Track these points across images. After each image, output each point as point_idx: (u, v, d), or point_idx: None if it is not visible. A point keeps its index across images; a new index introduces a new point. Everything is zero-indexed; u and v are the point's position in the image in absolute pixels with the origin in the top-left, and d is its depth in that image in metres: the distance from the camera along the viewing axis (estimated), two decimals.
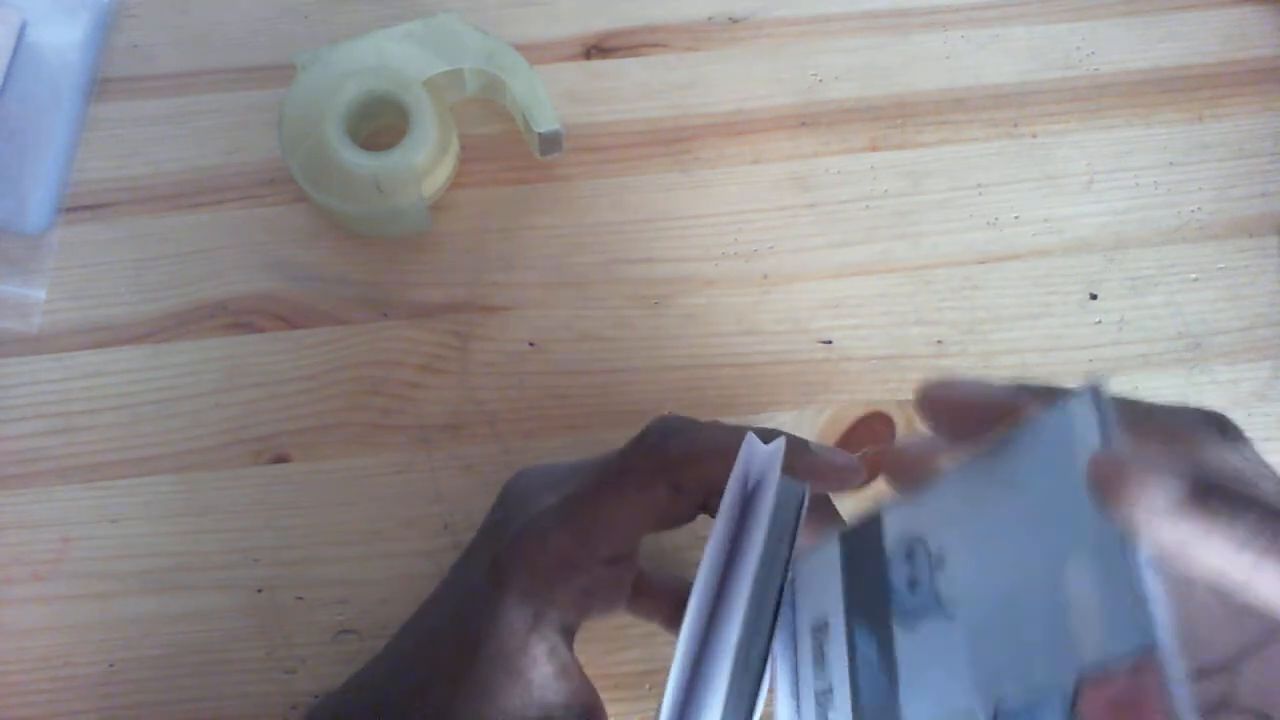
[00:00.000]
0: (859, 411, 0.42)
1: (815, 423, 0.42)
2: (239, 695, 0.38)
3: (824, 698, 0.27)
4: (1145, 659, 0.17)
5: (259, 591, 0.39)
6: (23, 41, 0.47)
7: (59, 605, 0.39)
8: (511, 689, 0.31)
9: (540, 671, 0.32)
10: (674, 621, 0.34)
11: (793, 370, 0.43)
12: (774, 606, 0.28)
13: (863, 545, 0.27)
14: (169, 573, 0.39)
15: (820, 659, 0.28)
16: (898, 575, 0.25)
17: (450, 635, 0.33)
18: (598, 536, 0.32)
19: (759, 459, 0.29)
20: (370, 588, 0.39)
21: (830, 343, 0.44)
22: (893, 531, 0.26)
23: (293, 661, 0.38)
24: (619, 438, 0.39)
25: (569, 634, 0.33)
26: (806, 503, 0.30)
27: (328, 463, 0.41)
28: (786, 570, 0.29)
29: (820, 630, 0.28)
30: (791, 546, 0.29)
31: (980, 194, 0.46)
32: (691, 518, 0.33)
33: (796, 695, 0.29)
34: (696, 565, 0.27)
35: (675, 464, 0.31)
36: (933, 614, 0.24)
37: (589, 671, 0.38)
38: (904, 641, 0.24)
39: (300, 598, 0.39)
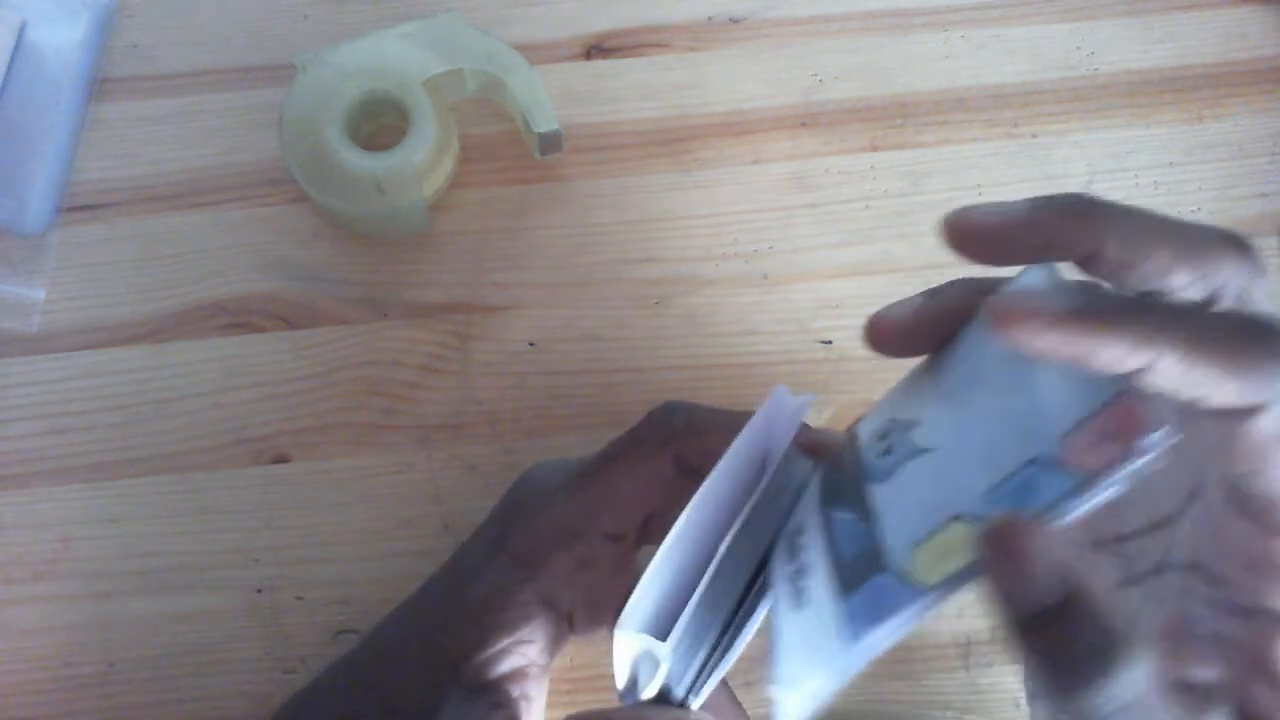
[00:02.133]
0: (859, 411, 0.42)
1: (815, 423, 0.42)
2: (239, 695, 0.38)
3: (797, 575, 0.28)
4: (1122, 395, 0.21)
5: (259, 591, 0.39)
6: (23, 41, 0.47)
7: (59, 605, 0.39)
8: (467, 648, 0.31)
9: (500, 639, 0.31)
10: None
11: (793, 370, 0.43)
12: (755, 566, 0.29)
13: (838, 459, 0.29)
14: (169, 573, 0.39)
15: (793, 550, 0.28)
16: (871, 453, 0.27)
17: (438, 600, 0.34)
18: (602, 506, 0.33)
19: (786, 407, 0.30)
20: (370, 588, 0.39)
21: (830, 343, 0.44)
22: (865, 434, 0.28)
23: (293, 661, 0.38)
24: None
25: (552, 613, 0.32)
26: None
27: (328, 463, 0.41)
28: (775, 538, 0.29)
29: (796, 532, 0.29)
30: (785, 520, 0.30)
31: (980, 194, 0.46)
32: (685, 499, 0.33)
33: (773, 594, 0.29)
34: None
35: (679, 436, 0.33)
36: (910, 458, 0.26)
37: (589, 672, 0.38)
38: (881, 491, 0.26)
39: (300, 598, 0.39)
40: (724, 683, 0.33)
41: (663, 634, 0.26)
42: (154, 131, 0.47)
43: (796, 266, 0.45)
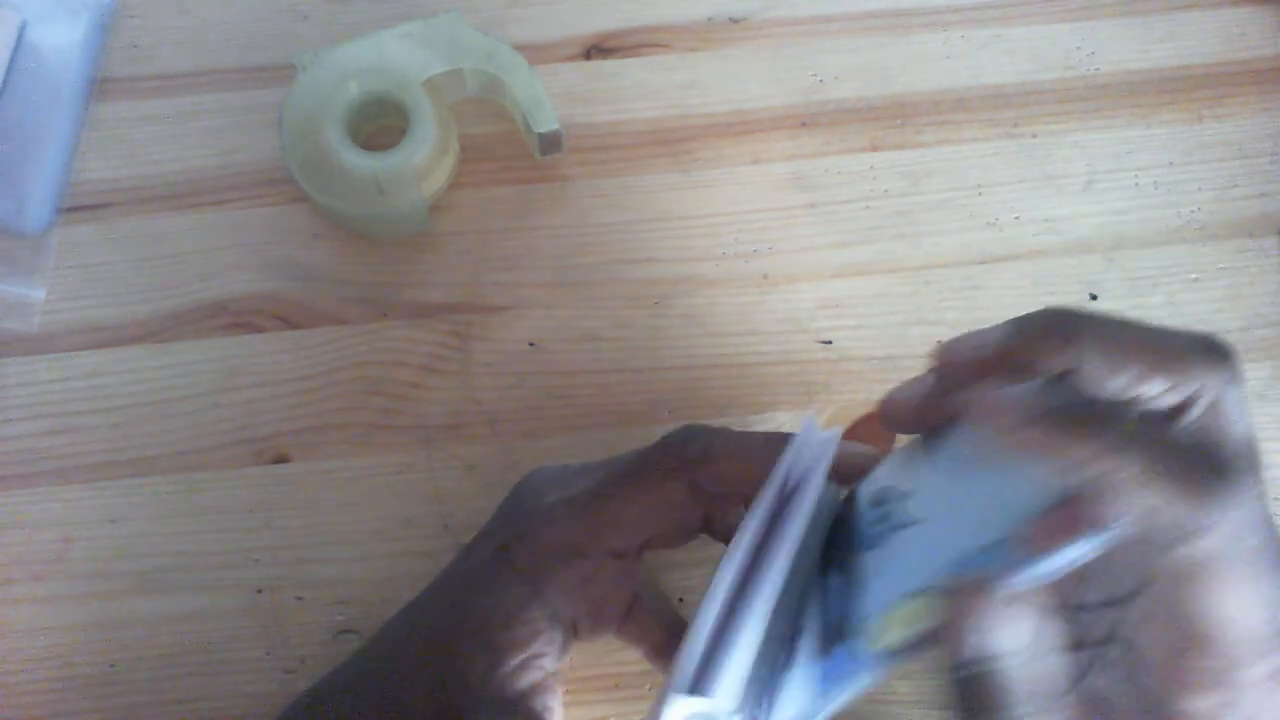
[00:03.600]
0: (859, 411, 0.42)
1: (815, 423, 0.42)
2: (239, 695, 0.38)
3: (794, 635, 0.29)
4: (1078, 493, 0.23)
5: (259, 591, 0.39)
6: (23, 41, 0.47)
7: (59, 605, 0.39)
8: (480, 666, 0.31)
9: (513, 656, 0.32)
10: (662, 651, 0.34)
11: (793, 370, 0.43)
12: (798, 593, 0.29)
13: (841, 519, 0.30)
14: (169, 573, 0.39)
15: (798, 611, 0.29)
16: (866, 520, 0.29)
17: (442, 611, 0.34)
18: (610, 526, 0.32)
19: (813, 442, 0.30)
20: (370, 588, 0.39)
21: (830, 343, 0.44)
22: (864, 498, 0.30)
23: (293, 661, 0.38)
24: (619, 438, 0.39)
25: (559, 626, 0.33)
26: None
27: (328, 463, 0.41)
28: (811, 562, 0.30)
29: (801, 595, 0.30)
30: (820, 543, 0.30)
31: (980, 194, 0.46)
32: (699, 526, 0.33)
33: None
34: (690, 590, 0.28)
35: (693, 462, 0.32)
36: (901, 528, 0.28)
37: (591, 672, 0.38)
38: (870, 558, 0.28)
39: (300, 598, 0.39)
40: None
41: (715, 692, 0.26)
42: (154, 131, 0.47)
43: (796, 266, 0.45)
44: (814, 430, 0.30)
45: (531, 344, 0.43)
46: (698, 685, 0.26)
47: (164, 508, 0.40)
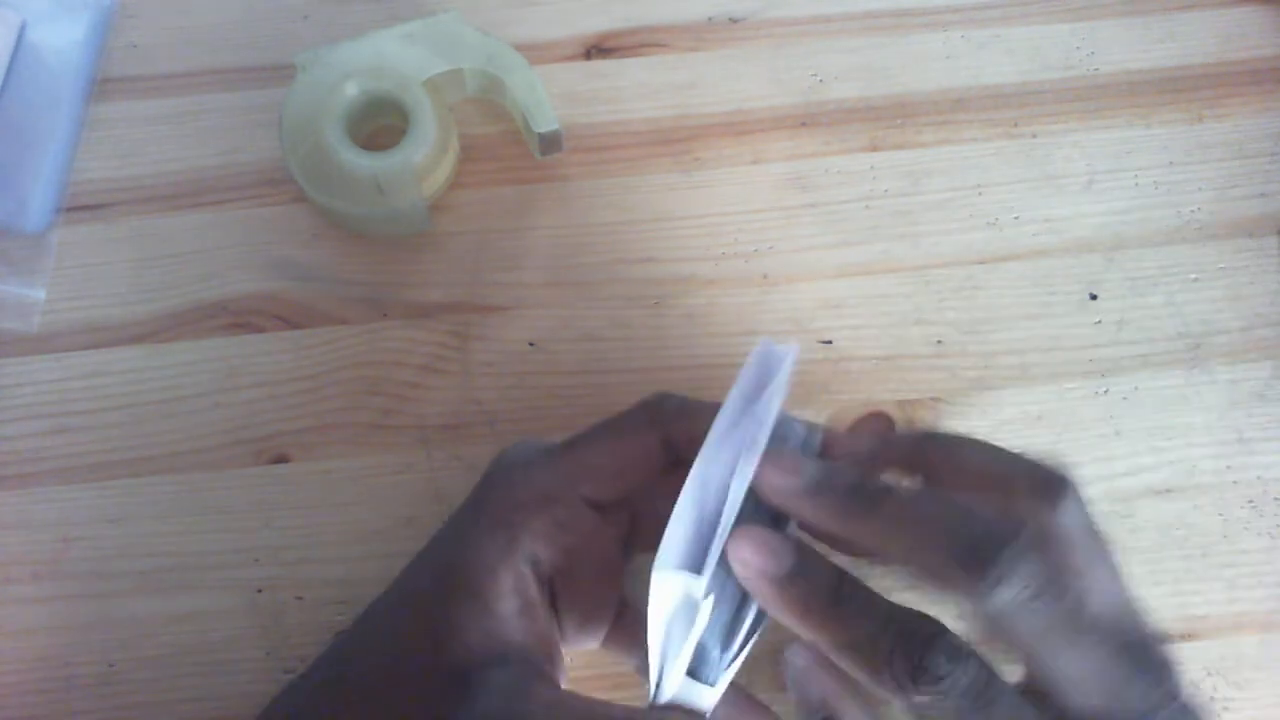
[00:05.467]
0: (859, 412, 0.42)
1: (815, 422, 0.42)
2: (239, 695, 0.38)
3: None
4: None
5: (259, 591, 0.39)
6: (23, 41, 0.47)
7: (59, 605, 0.39)
8: (474, 619, 0.31)
9: (505, 604, 0.31)
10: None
11: (793, 370, 0.43)
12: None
13: None
14: (169, 573, 0.39)
15: None
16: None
17: (427, 575, 0.34)
18: (584, 472, 0.33)
19: (773, 354, 0.31)
20: (370, 588, 0.39)
21: (830, 343, 0.44)
22: None
23: (293, 661, 0.38)
24: None
25: (540, 570, 0.32)
26: (818, 447, 0.32)
27: (328, 463, 0.41)
28: None
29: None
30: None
31: (980, 194, 0.46)
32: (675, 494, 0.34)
33: None
34: None
35: (669, 417, 0.33)
36: None
37: (590, 673, 0.38)
38: None
39: (300, 598, 0.39)
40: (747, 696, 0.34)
41: (704, 571, 0.27)
42: (154, 131, 0.47)
43: (796, 266, 0.45)
44: (770, 344, 0.32)
45: (531, 344, 0.43)
46: (687, 563, 0.27)
47: (164, 508, 0.40)
